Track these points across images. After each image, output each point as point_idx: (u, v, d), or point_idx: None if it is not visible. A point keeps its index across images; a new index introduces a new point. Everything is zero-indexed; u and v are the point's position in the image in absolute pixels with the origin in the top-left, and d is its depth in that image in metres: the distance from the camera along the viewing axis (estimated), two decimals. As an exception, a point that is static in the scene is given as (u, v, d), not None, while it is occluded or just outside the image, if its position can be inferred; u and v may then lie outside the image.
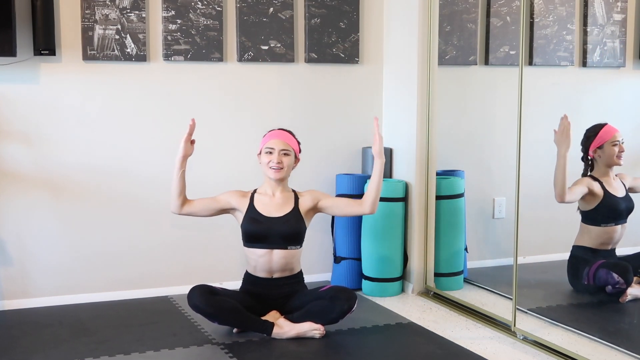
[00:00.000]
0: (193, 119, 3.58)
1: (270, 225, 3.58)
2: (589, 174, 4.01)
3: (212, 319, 3.50)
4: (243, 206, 3.64)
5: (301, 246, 3.67)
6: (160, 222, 4.21)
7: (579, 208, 4.05)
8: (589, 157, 4.00)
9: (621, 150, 3.94)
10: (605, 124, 3.95)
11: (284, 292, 3.64)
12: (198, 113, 4.23)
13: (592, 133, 3.97)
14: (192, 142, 3.60)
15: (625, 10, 4.18)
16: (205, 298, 3.44)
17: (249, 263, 3.67)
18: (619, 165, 3.97)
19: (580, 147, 4.01)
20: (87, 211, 4.09)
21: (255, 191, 3.70)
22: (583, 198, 3.97)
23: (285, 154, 3.62)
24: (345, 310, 3.50)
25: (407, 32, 4.32)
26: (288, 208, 3.64)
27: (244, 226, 3.63)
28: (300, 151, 3.74)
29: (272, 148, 3.61)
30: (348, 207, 3.70)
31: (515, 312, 3.62)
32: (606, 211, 3.95)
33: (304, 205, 3.67)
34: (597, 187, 3.95)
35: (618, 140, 3.93)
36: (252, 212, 3.62)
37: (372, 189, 3.63)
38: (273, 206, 3.63)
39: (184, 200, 3.62)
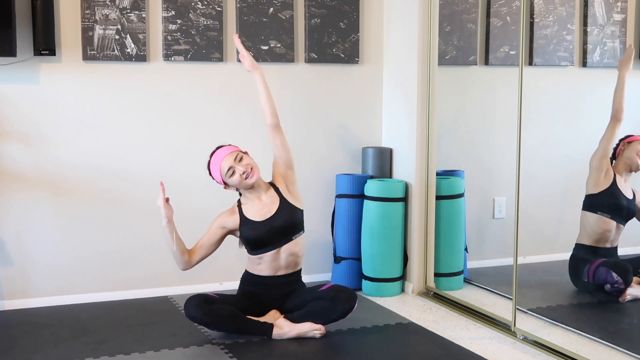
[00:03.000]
0: (161, 182, 3.49)
1: (269, 226, 3.58)
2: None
3: (210, 327, 3.50)
4: (237, 223, 3.61)
5: (304, 230, 3.65)
6: (160, 222, 4.20)
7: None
8: (617, 147, 4.02)
9: None
10: None
11: (283, 292, 3.63)
12: (198, 113, 4.25)
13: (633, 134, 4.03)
14: (167, 200, 3.49)
15: (625, 10, 4.18)
16: (202, 308, 3.43)
17: (252, 264, 3.65)
18: (630, 170, 3.96)
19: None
20: (87, 211, 4.09)
21: (240, 204, 3.64)
22: (596, 178, 3.97)
23: (240, 158, 3.55)
24: (346, 311, 3.50)
25: (407, 32, 4.32)
26: (277, 203, 3.62)
27: (244, 237, 3.60)
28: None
29: (229, 167, 3.52)
30: (270, 136, 3.64)
31: (515, 312, 3.62)
32: (607, 199, 3.95)
33: (283, 188, 3.64)
34: (610, 174, 3.96)
35: None
36: (247, 223, 3.59)
37: (265, 100, 3.61)
38: (264, 209, 3.60)
39: (189, 255, 3.58)
